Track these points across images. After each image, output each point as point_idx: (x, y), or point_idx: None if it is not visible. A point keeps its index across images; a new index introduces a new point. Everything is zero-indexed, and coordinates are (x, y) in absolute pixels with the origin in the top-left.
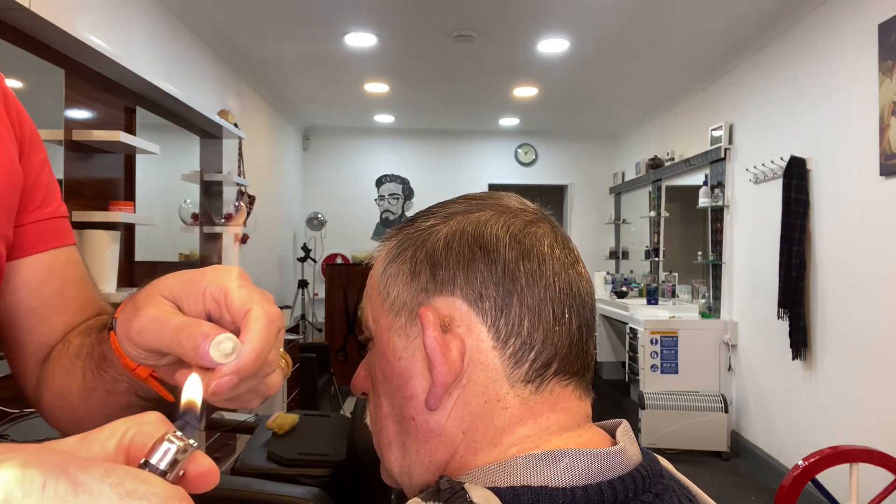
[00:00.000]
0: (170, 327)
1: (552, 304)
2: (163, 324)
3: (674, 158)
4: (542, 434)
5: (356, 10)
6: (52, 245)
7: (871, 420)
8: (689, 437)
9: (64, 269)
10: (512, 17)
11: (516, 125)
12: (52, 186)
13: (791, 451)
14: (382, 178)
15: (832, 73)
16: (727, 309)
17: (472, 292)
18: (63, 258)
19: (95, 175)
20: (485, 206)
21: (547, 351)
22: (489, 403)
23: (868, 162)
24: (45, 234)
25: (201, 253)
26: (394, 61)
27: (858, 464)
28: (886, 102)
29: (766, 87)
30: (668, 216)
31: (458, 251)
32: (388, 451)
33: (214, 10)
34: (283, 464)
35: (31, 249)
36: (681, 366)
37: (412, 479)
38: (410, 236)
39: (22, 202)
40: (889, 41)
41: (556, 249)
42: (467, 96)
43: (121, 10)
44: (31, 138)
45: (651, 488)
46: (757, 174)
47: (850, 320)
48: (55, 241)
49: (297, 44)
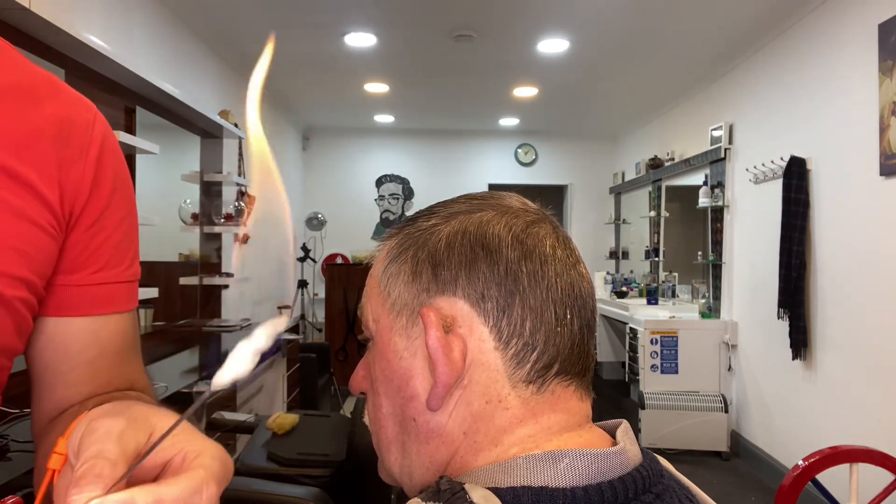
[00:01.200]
0: (88, 444)
1: (554, 304)
2: (94, 439)
3: (674, 158)
4: (543, 434)
5: (356, 10)
6: (104, 310)
7: (871, 420)
8: (689, 437)
9: (108, 339)
10: (512, 17)
11: (516, 125)
12: (125, 245)
13: (791, 451)
14: (382, 178)
15: (832, 73)
16: (727, 309)
17: (474, 292)
18: (111, 327)
19: None
20: (486, 205)
21: (549, 352)
22: (490, 404)
23: (868, 162)
24: (101, 299)
25: (201, 253)
26: (394, 61)
27: (858, 464)
28: (886, 102)
29: (766, 87)
30: (668, 216)
31: (460, 251)
32: (387, 451)
33: (214, 10)
34: (283, 464)
35: (81, 311)
36: (681, 366)
37: (412, 479)
38: (411, 236)
39: (83, 259)
40: (889, 41)
41: (558, 250)
42: (467, 96)
43: (121, 10)
44: (113, 194)
45: (651, 488)
46: (757, 174)
47: (850, 320)
48: (110, 307)
49: (297, 44)
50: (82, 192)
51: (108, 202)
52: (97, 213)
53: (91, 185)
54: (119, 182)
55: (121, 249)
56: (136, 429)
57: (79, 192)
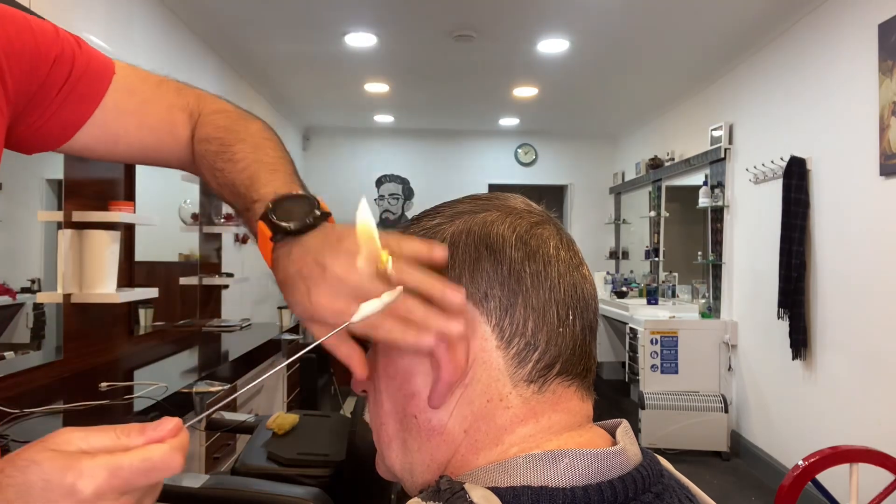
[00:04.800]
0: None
1: (556, 305)
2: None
3: (674, 158)
4: (544, 434)
5: (356, 10)
6: (95, 103)
7: (871, 420)
8: (689, 437)
9: (125, 103)
10: (512, 17)
11: (516, 125)
12: (64, 59)
13: (791, 451)
14: (382, 178)
15: (832, 73)
16: (727, 309)
17: (477, 292)
18: (117, 97)
19: (95, 175)
20: (491, 206)
21: (550, 352)
22: (491, 402)
23: (868, 162)
24: (83, 97)
25: (201, 253)
26: (394, 61)
27: (858, 464)
28: (886, 102)
29: (766, 87)
30: (668, 216)
31: (464, 250)
32: (388, 448)
33: (214, 10)
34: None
35: (78, 121)
36: (681, 366)
37: (414, 476)
38: (416, 235)
39: (46, 95)
40: (889, 41)
41: (562, 251)
42: (467, 96)
43: (121, 10)
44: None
45: (651, 488)
46: (757, 174)
47: (850, 320)
48: (96, 96)
49: (297, 44)
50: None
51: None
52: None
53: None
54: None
55: (62, 62)
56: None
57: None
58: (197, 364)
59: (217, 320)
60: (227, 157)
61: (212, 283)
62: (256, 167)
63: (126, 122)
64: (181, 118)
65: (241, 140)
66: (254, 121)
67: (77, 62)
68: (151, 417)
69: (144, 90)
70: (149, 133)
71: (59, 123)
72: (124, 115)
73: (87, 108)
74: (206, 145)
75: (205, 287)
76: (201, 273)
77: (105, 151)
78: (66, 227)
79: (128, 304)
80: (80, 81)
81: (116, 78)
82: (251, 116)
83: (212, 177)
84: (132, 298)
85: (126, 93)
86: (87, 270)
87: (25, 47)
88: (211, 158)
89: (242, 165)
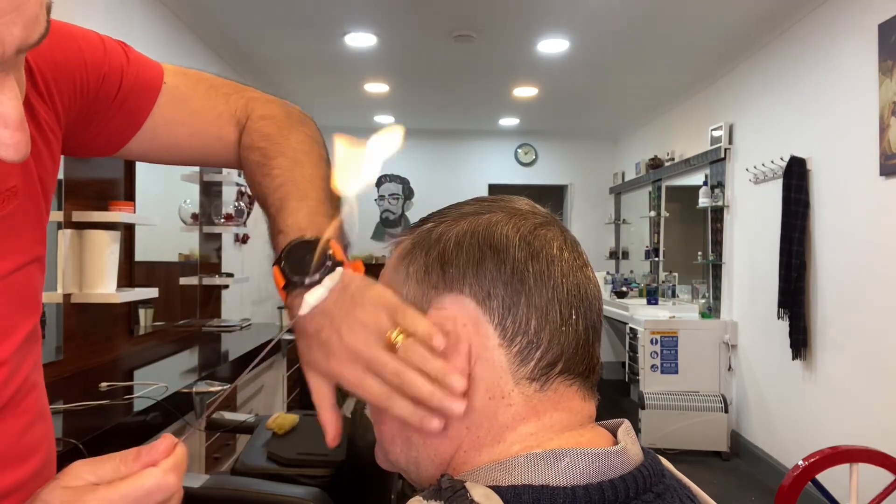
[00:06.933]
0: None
1: (559, 304)
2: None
3: (674, 158)
4: (545, 432)
5: (356, 10)
6: (146, 110)
7: (871, 420)
8: (689, 437)
9: (175, 112)
10: (512, 17)
11: (516, 125)
12: (113, 65)
13: (791, 451)
14: (382, 178)
15: (832, 73)
16: (727, 309)
17: (480, 291)
18: (166, 109)
19: (95, 175)
20: (496, 207)
21: (553, 350)
22: (493, 400)
23: (868, 162)
24: (128, 115)
25: (201, 253)
26: (394, 61)
27: (858, 464)
28: (886, 102)
29: (766, 87)
30: (668, 216)
31: (468, 250)
32: (391, 444)
33: (214, 10)
34: (283, 464)
35: (131, 128)
36: (681, 366)
37: (420, 469)
38: (422, 236)
39: (99, 106)
40: (889, 41)
41: (565, 252)
42: (467, 96)
43: (121, 10)
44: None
45: (652, 488)
46: (757, 174)
47: (850, 320)
48: (144, 111)
49: (297, 44)
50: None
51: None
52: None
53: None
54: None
55: (113, 70)
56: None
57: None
58: (197, 364)
59: (217, 320)
60: (265, 171)
61: (212, 283)
62: (288, 189)
63: (176, 132)
64: (229, 127)
65: (281, 153)
66: (298, 129)
67: (126, 77)
68: (151, 417)
69: (194, 98)
70: (199, 140)
71: (109, 137)
72: (174, 126)
73: (136, 122)
74: (248, 153)
75: (205, 287)
76: (201, 273)
77: (157, 158)
78: (66, 227)
79: (128, 304)
80: (129, 96)
81: (166, 87)
82: (298, 122)
83: (252, 185)
84: (132, 298)
85: (175, 102)
86: (87, 270)
87: (73, 67)
88: (252, 169)
89: (278, 183)
